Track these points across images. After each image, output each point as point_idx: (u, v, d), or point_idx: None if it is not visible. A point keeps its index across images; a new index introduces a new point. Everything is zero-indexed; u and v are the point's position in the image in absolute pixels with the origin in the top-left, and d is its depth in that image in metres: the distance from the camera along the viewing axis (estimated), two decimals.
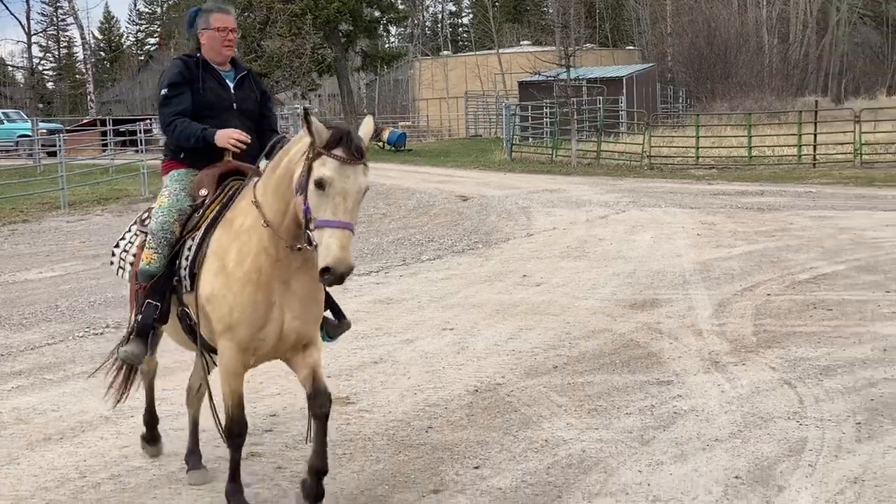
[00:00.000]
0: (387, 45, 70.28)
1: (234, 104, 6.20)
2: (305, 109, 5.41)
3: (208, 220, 5.80)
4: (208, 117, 6.07)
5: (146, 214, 6.20)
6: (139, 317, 5.92)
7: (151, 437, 6.88)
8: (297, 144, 5.42)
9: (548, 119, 43.61)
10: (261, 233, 5.52)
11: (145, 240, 6.01)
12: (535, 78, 45.51)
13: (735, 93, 54.92)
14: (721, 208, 22.17)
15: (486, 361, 9.25)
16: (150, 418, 6.89)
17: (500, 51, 70.04)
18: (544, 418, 7.54)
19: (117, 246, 6.42)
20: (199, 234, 5.78)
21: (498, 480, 6.33)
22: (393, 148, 45.52)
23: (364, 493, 6.18)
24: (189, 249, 5.78)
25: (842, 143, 34.21)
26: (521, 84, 53.61)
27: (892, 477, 6.13)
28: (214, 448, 6.77)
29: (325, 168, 5.13)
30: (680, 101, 64.19)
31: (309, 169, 5.17)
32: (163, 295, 5.89)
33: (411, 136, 50.25)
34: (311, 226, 5.18)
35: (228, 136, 5.97)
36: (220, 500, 5.99)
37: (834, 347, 9.39)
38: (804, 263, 14.28)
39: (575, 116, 39.78)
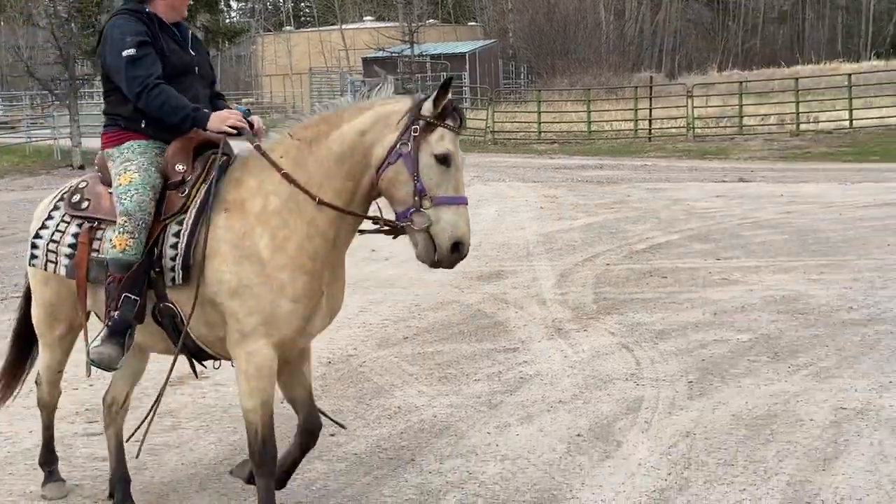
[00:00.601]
0: (228, 21, 69.28)
1: (196, 67, 5.41)
2: (451, 77, 4.83)
3: (198, 201, 5.00)
4: (172, 84, 5.19)
5: (77, 197, 5.34)
6: (115, 313, 4.95)
7: (50, 475, 5.93)
8: (360, 114, 4.94)
9: None
10: (311, 215, 4.89)
11: (92, 225, 5.20)
12: (379, 54, 45.61)
13: (574, 69, 56.03)
14: (563, 182, 22.79)
15: (338, 334, 9.45)
16: (49, 457, 5.96)
17: (344, 27, 69.85)
18: (396, 387, 7.80)
19: (38, 237, 5.39)
20: (190, 217, 4.97)
21: (353, 446, 6.56)
22: None
23: (223, 463, 6.34)
24: (178, 236, 4.96)
25: (675, 118, 35.44)
26: (364, 60, 53.66)
27: (720, 430, 6.58)
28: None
29: (445, 142, 4.79)
30: (522, 77, 65.12)
31: (420, 142, 4.77)
32: (140, 288, 5.00)
33: (255, 113, 49.61)
34: (427, 204, 4.77)
35: (224, 120, 5.13)
36: (73, 475, 6.09)
37: (668, 312, 9.90)
38: (641, 234, 14.89)
39: (419, 92, 40.07)
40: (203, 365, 5.43)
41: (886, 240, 13.71)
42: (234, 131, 5.12)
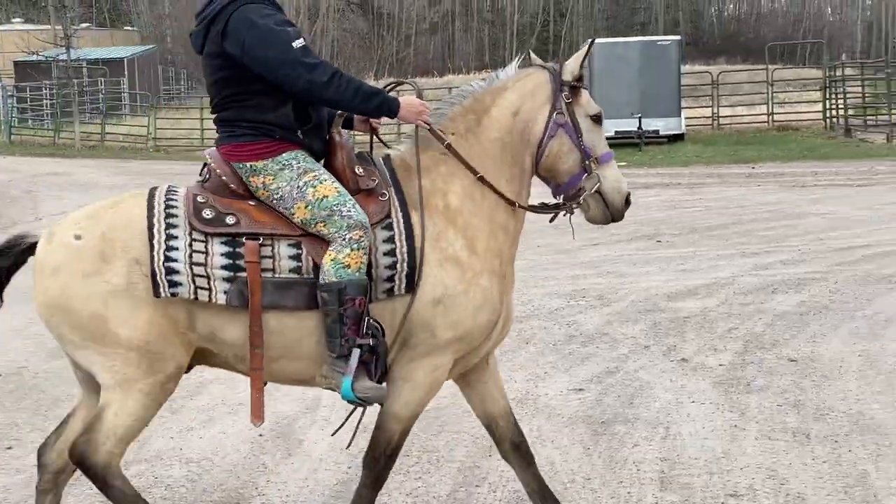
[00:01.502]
0: None
1: None
2: (594, 39, 4.75)
3: (396, 202, 4.61)
4: None
5: (209, 213, 4.49)
6: (366, 342, 4.41)
7: None
8: (503, 96, 4.77)
9: (48, 101, 42.17)
10: (491, 209, 4.69)
11: (260, 243, 4.45)
12: (33, 58, 43.70)
13: None
14: None
15: (9, 346, 9.21)
16: None
17: None
18: (73, 397, 7.68)
19: (172, 259, 4.41)
20: (399, 221, 4.55)
21: (33, 458, 6.39)
22: None
23: None
24: (392, 242, 4.52)
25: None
26: (16, 64, 51.21)
27: None
28: None
29: (593, 101, 4.81)
30: (182, 82, 64.17)
31: (574, 108, 4.75)
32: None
33: None
34: (594, 166, 4.75)
35: (420, 113, 4.73)
36: None
37: None
38: None
39: (77, 98, 38.84)
40: None
41: (536, 242, 14.69)
42: (427, 126, 4.76)
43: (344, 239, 4.40)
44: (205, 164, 4.75)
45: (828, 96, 33.44)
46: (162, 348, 4.46)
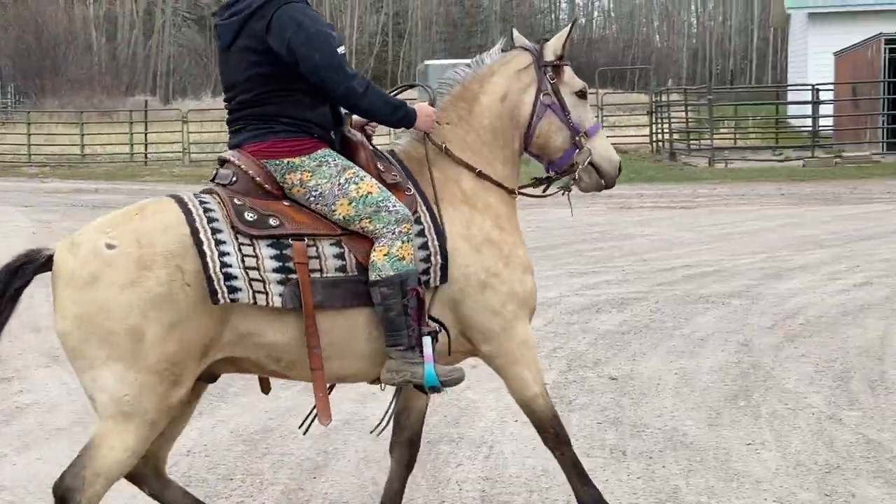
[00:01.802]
0: None
1: None
2: (576, 18, 4.77)
3: (418, 197, 4.73)
4: None
5: (252, 215, 4.41)
6: (435, 327, 4.60)
7: None
8: (489, 82, 4.95)
9: None
10: (498, 190, 4.92)
11: (307, 243, 4.45)
12: None
13: (65, 90, 54.52)
14: (57, 206, 22.24)
15: None
16: None
17: None
18: None
19: (227, 265, 4.29)
20: (426, 215, 4.68)
21: None
22: None
23: None
24: (423, 235, 4.63)
25: (171, 143, 35.56)
26: None
27: (219, 446, 6.92)
28: None
29: (576, 77, 4.98)
30: (9, 96, 62.20)
31: (559, 86, 4.94)
32: None
33: None
34: (583, 141, 4.97)
35: (431, 125, 4.89)
36: None
37: None
38: None
39: None
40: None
41: None
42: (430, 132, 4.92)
43: (393, 233, 4.50)
44: (216, 169, 4.73)
45: (654, 121, 34.45)
46: (183, 369, 4.29)
